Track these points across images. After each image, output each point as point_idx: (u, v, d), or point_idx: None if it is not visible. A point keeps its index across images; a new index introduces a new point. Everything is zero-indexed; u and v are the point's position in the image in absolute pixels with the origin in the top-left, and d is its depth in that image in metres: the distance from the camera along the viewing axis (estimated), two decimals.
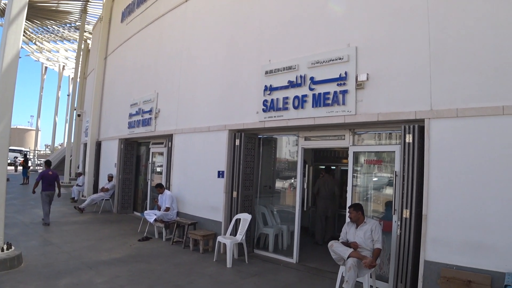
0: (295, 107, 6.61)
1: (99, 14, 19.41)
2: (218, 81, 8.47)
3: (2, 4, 19.93)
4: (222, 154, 7.95)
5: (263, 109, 7.15)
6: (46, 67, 39.53)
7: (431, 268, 4.88)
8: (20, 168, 27.05)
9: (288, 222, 7.71)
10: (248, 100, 7.60)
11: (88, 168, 15.25)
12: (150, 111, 10.80)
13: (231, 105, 8.01)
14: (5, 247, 6.10)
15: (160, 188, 9.16)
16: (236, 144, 7.69)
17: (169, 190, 9.44)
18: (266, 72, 7.19)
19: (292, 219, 7.26)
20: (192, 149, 9.03)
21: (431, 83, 5.08)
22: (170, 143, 9.81)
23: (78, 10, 22.68)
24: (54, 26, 26.75)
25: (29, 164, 24.44)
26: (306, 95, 6.46)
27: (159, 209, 8.97)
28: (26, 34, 28.08)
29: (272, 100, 7.01)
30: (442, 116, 4.95)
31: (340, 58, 6.04)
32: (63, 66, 38.15)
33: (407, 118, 5.29)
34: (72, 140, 22.78)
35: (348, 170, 6.35)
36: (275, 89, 6.99)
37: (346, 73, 5.93)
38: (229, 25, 8.46)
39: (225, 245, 6.97)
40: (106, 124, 14.98)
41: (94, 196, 12.80)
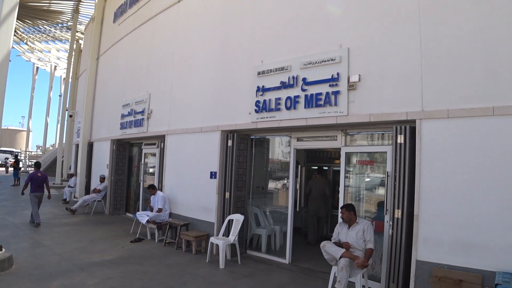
0: (288, 108, 6.62)
1: (91, 14, 19.36)
2: (210, 81, 8.46)
3: None
4: (214, 155, 7.94)
5: (256, 109, 7.15)
6: (37, 67, 39.37)
7: (423, 267, 4.90)
8: (11, 169, 26.85)
9: (280, 223, 7.72)
10: (240, 100, 7.60)
11: (80, 169, 15.13)
12: (142, 112, 10.76)
13: (224, 105, 8.00)
14: None
15: (152, 189, 9.13)
16: (228, 145, 7.68)
17: (161, 191, 9.39)
18: (259, 73, 7.19)
19: (284, 220, 7.27)
20: (184, 150, 9.00)
21: (422, 84, 5.11)
22: (162, 144, 9.77)
23: (70, 10, 22.59)
24: (45, 26, 26.63)
25: (20, 165, 24.21)
26: (298, 96, 6.47)
27: (152, 210, 8.93)
28: (17, 34, 27.92)
29: (264, 100, 7.01)
30: (433, 117, 4.99)
31: (332, 59, 6.06)
32: (55, 67, 37.99)
33: (399, 119, 5.31)
34: (63, 141, 22.65)
35: (340, 171, 6.36)
36: (268, 89, 6.99)
37: (338, 74, 5.95)
38: (221, 25, 8.45)
39: (217, 246, 6.95)
40: (98, 124, 14.89)
41: (86, 197, 12.69)
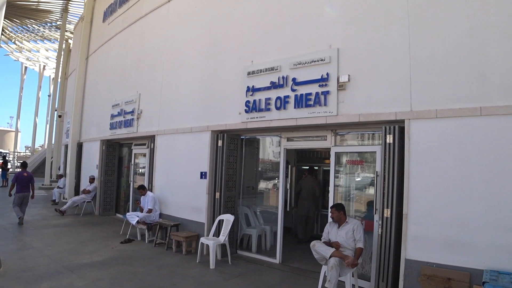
0: (277, 108, 6.63)
1: (81, 14, 19.16)
2: (200, 81, 8.44)
3: None
4: (204, 155, 7.92)
5: (246, 110, 7.15)
6: (26, 67, 38.84)
7: (412, 266, 4.94)
8: None
9: (271, 223, 7.72)
10: (230, 101, 7.59)
11: (69, 170, 14.98)
12: (132, 112, 10.70)
13: (214, 105, 7.99)
14: None
15: (142, 189, 9.08)
16: (218, 145, 7.67)
17: (151, 191, 9.34)
18: (249, 73, 7.19)
19: (275, 220, 7.27)
20: (174, 150, 8.97)
21: (411, 84, 5.14)
22: (152, 144, 9.73)
23: (59, 9, 22.33)
24: (34, 25, 26.30)
25: (8, 166, 23.91)
26: (288, 96, 6.48)
27: (142, 211, 8.87)
28: (5, 33, 27.55)
29: (254, 101, 7.01)
30: (421, 117, 5.02)
31: (322, 60, 6.08)
32: (44, 66, 37.54)
33: (388, 119, 5.34)
34: (53, 141, 22.39)
35: (330, 171, 6.38)
36: (258, 90, 6.99)
37: (327, 74, 5.97)
38: (211, 25, 8.43)
39: (208, 246, 6.94)
40: (88, 125, 14.76)
41: (76, 198, 12.55)
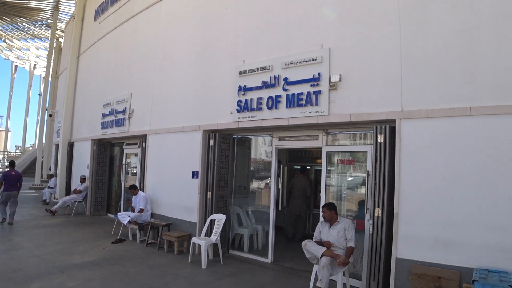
0: (269, 108, 6.63)
1: (72, 12, 19.02)
2: (192, 81, 8.42)
3: None
4: (196, 154, 7.90)
5: (237, 109, 7.14)
6: (16, 66, 38.59)
7: (403, 265, 4.97)
8: None
9: (263, 222, 7.72)
10: (222, 100, 7.57)
11: (60, 169, 14.87)
12: (123, 111, 10.63)
13: (205, 105, 7.96)
14: None
15: (133, 189, 9.03)
16: (210, 144, 7.65)
17: (143, 191, 9.30)
18: (240, 72, 7.18)
19: (267, 219, 7.27)
20: (166, 149, 8.93)
21: (402, 84, 5.17)
22: (144, 144, 9.68)
23: (50, 8, 22.16)
24: (24, 24, 26.09)
25: None
26: (280, 96, 6.49)
27: (133, 210, 8.83)
28: None
29: (246, 100, 7.01)
30: (412, 116, 5.05)
31: (313, 59, 6.08)
32: (34, 65, 37.30)
33: (379, 119, 5.37)
34: (43, 141, 22.20)
35: (321, 170, 6.40)
36: (249, 89, 6.99)
37: (319, 74, 5.98)
38: (203, 24, 8.40)
39: (199, 246, 6.92)
40: (79, 124, 14.65)
41: (67, 198, 12.46)
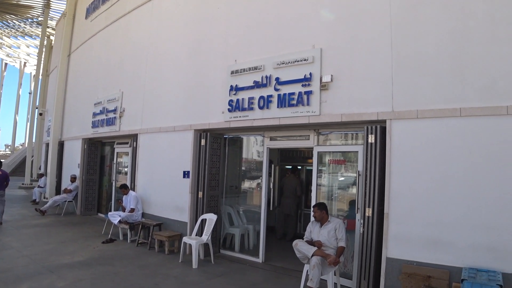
0: (261, 107, 6.63)
1: (63, 10, 18.85)
2: (184, 80, 8.38)
3: None
4: (187, 154, 7.87)
5: (229, 109, 7.13)
6: (6, 64, 38.19)
7: (393, 264, 4.99)
8: None
9: (254, 222, 7.70)
10: (213, 100, 7.55)
11: (50, 168, 14.71)
12: (114, 110, 10.57)
13: (197, 104, 7.94)
14: None
15: (124, 188, 8.97)
16: (201, 144, 7.63)
17: (134, 190, 9.25)
18: (232, 72, 7.16)
19: (258, 219, 7.26)
20: (157, 149, 8.89)
21: (393, 85, 5.20)
22: (135, 143, 9.62)
23: (41, 5, 21.93)
24: (15, 21, 25.79)
25: None
26: (271, 96, 6.49)
27: (124, 210, 8.78)
28: None
29: (237, 100, 7.00)
30: (403, 117, 5.08)
31: (305, 59, 6.09)
32: (25, 63, 36.94)
33: (370, 119, 5.39)
34: (33, 139, 22.02)
35: (312, 170, 6.41)
36: (241, 89, 6.98)
37: (310, 74, 5.99)
38: (195, 24, 8.37)
39: (190, 246, 6.90)
40: (69, 123, 14.52)
41: (57, 197, 12.36)
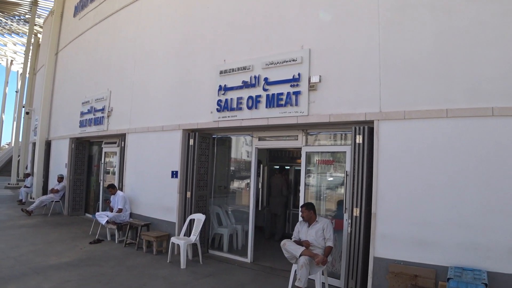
0: (249, 108, 6.63)
1: (51, 7, 18.63)
2: (172, 80, 8.35)
3: None
4: (175, 154, 7.84)
5: (217, 109, 7.12)
6: None
7: (380, 264, 5.04)
8: None
9: (242, 222, 7.70)
10: (202, 99, 7.53)
11: (37, 168, 14.54)
12: (102, 110, 10.48)
13: (185, 104, 7.91)
14: None
15: (112, 188, 8.90)
16: (190, 144, 7.60)
17: (121, 190, 9.18)
18: (221, 72, 7.16)
19: (247, 219, 7.26)
20: (145, 149, 8.84)
21: (381, 86, 5.24)
22: (123, 143, 9.55)
23: (28, 2, 21.69)
24: (1, 18, 25.47)
25: None
26: (260, 96, 6.49)
27: (112, 210, 8.71)
28: None
29: (226, 100, 6.99)
30: (390, 118, 5.13)
31: (293, 60, 6.11)
32: (11, 61, 36.42)
33: (358, 120, 5.43)
34: (20, 139, 21.75)
35: (301, 170, 6.43)
36: (230, 89, 6.98)
37: (299, 74, 6.01)
38: (184, 23, 8.34)
39: (179, 246, 6.87)
40: (57, 122, 14.35)
41: (43, 197, 12.23)
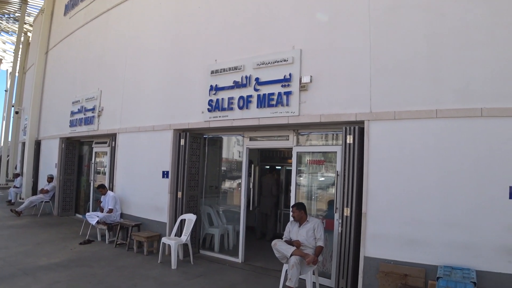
0: (240, 108, 6.63)
1: (41, 6, 18.46)
2: (163, 79, 8.32)
3: None
4: (166, 154, 7.81)
5: (209, 109, 7.11)
6: None
7: (371, 263, 5.07)
8: None
9: (233, 222, 7.69)
10: (193, 99, 7.51)
11: (26, 168, 14.42)
12: (93, 109, 10.40)
13: (177, 104, 7.90)
14: None
15: (102, 189, 8.84)
16: (181, 144, 7.59)
17: (112, 191, 9.13)
18: (212, 72, 7.15)
19: (238, 219, 7.26)
20: (136, 148, 8.80)
21: (371, 87, 5.28)
22: (114, 143, 9.50)
23: (18, 0, 21.46)
24: None
25: None
26: (251, 96, 6.50)
27: (102, 210, 8.66)
28: None
29: (217, 100, 6.98)
30: (380, 118, 5.16)
31: (285, 60, 6.12)
32: (1, 60, 36.04)
33: (348, 120, 5.45)
34: (9, 138, 21.55)
35: (292, 170, 6.45)
36: (221, 89, 6.97)
37: (290, 74, 6.02)
38: (175, 23, 8.32)
39: (170, 246, 6.86)
40: (46, 122, 14.23)
41: (33, 198, 12.11)
